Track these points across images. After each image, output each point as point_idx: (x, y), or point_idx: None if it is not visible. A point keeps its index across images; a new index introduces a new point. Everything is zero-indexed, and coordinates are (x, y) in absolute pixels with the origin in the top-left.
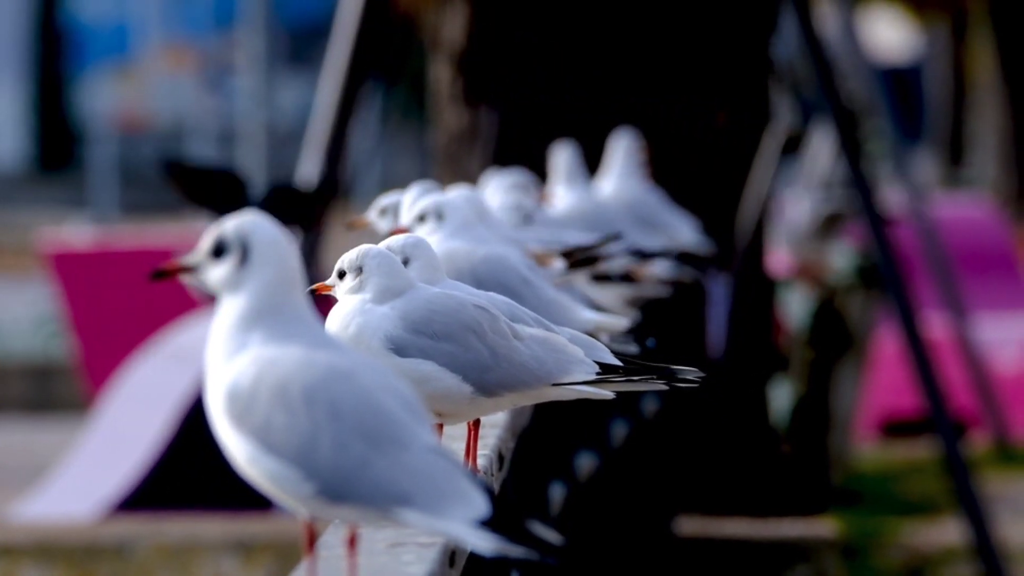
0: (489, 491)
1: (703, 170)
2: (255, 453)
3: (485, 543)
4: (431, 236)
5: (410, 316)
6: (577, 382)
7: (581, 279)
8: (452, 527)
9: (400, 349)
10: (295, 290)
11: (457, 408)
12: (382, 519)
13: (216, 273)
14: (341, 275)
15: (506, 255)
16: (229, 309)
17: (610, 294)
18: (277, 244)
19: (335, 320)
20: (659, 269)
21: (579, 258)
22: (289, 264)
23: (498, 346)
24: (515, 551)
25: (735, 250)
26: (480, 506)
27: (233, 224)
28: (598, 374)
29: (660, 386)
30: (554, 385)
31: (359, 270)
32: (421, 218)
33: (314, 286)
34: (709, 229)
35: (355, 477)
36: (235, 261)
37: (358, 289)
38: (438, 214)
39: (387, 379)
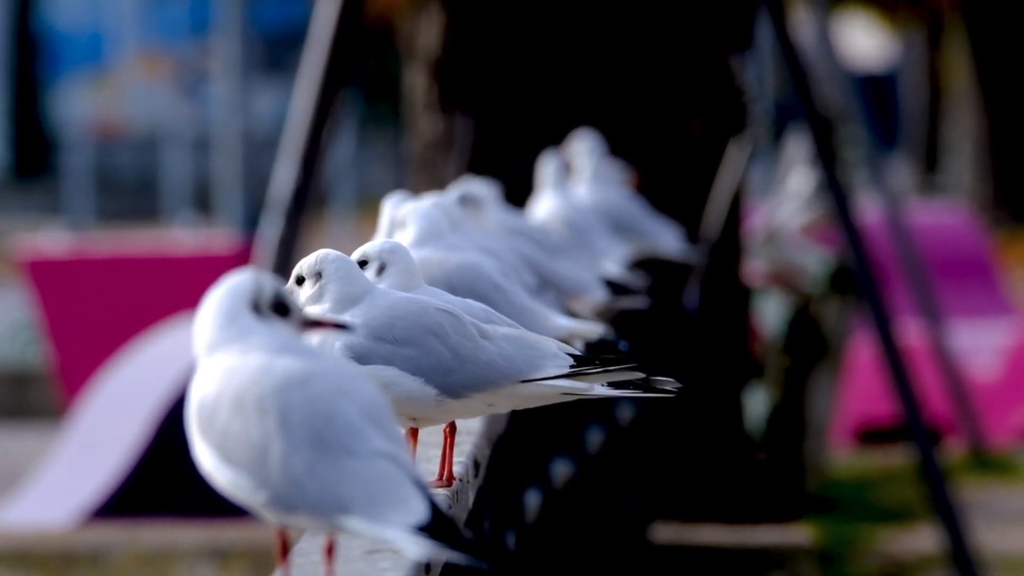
0: (430, 498)
1: (679, 177)
2: (216, 462)
3: (419, 549)
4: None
5: (371, 323)
6: (549, 377)
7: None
8: (390, 533)
9: (361, 356)
10: None
11: (425, 412)
12: (330, 527)
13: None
14: (300, 281)
15: (479, 262)
16: None
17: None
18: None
19: None
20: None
21: None
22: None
23: (461, 347)
24: (449, 556)
25: (705, 256)
26: (419, 512)
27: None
28: (572, 367)
29: (638, 375)
30: (525, 382)
31: (318, 275)
32: (394, 228)
33: None
34: (690, 236)
35: (303, 485)
36: None
37: (318, 295)
38: (406, 224)
39: (350, 383)
